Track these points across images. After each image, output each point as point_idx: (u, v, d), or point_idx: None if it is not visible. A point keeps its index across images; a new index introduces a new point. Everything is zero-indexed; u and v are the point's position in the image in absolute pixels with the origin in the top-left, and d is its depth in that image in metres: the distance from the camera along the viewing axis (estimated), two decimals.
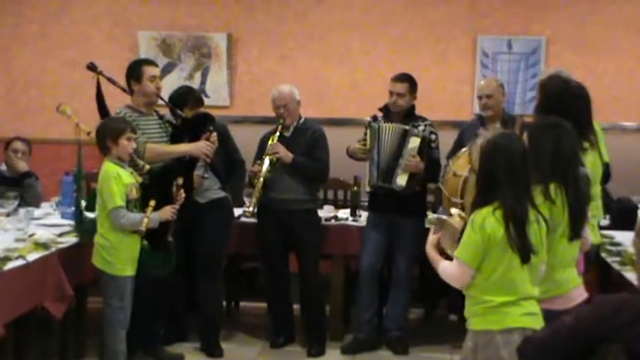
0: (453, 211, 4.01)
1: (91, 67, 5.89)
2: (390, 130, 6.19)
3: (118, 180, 5.14)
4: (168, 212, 5.32)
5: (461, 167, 5.37)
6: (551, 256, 3.80)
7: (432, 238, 3.94)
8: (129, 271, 5.24)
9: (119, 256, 5.21)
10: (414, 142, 6.11)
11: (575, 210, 3.91)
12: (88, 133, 5.67)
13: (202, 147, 5.81)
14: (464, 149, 5.57)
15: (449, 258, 3.82)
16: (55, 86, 8.36)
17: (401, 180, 6.13)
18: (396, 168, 6.13)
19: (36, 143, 7.02)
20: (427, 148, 6.16)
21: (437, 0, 8.17)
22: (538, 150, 3.88)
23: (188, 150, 5.82)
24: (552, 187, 3.84)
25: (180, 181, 5.50)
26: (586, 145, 4.59)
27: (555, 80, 4.90)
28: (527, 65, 8.04)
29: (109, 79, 5.86)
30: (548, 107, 4.58)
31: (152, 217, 5.21)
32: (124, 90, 5.88)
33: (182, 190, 5.46)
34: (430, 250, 3.91)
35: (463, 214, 3.91)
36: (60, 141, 8.06)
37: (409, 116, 6.30)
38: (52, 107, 6.86)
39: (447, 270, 3.78)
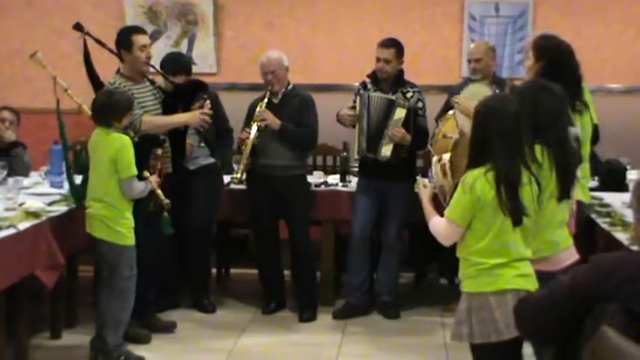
0: (445, 156, 4.04)
1: (78, 27, 5.83)
2: (377, 100, 6.19)
3: (131, 148, 5.14)
4: (154, 181, 5.33)
5: (450, 129, 5.39)
6: (539, 217, 3.81)
7: (427, 191, 3.97)
8: (133, 238, 5.24)
9: (128, 225, 5.20)
10: (399, 114, 6.11)
11: (562, 170, 3.91)
12: (66, 90, 5.62)
13: (198, 117, 5.81)
14: (452, 111, 5.57)
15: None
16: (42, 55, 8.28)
17: (386, 150, 6.15)
18: (381, 138, 6.14)
19: (23, 113, 6.99)
20: (413, 118, 6.15)
21: None
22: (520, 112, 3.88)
23: (185, 120, 5.83)
24: (537, 148, 3.84)
25: (159, 151, 5.48)
26: (579, 106, 4.60)
27: (554, 42, 4.88)
28: (514, 29, 8.03)
29: (97, 40, 5.82)
30: (551, 69, 4.58)
31: (146, 184, 5.25)
32: (111, 52, 5.83)
33: (160, 162, 5.46)
34: (426, 204, 3.93)
35: (447, 167, 3.94)
36: (47, 110, 7.92)
37: (398, 82, 6.30)
38: (38, 77, 6.83)
39: (437, 226, 3.82)
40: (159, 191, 5.31)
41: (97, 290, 5.46)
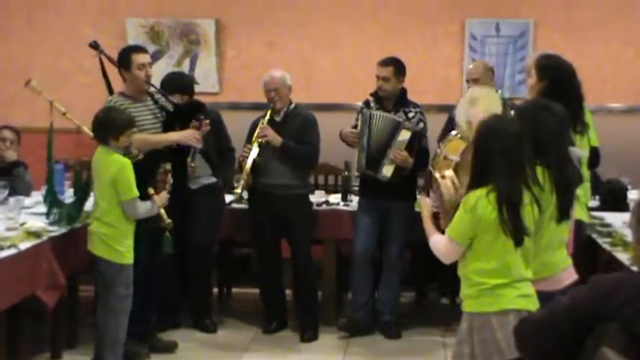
0: (447, 173, 4.03)
1: (94, 46, 5.90)
2: (381, 118, 6.20)
3: (131, 170, 5.14)
4: (164, 198, 5.34)
5: (452, 151, 5.37)
6: (539, 238, 3.81)
7: (428, 210, 3.97)
8: (132, 258, 5.24)
9: (128, 245, 5.20)
10: (404, 135, 6.13)
11: (562, 191, 3.90)
12: (64, 113, 5.65)
13: (189, 135, 5.84)
14: (454, 132, 5.57)
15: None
16: (43, 76, 8.29)
17: (387, 171, 6.16)
18: (383, 158, 6.16)
19: (25, 132, 7.01)
20: (417, 141, 6.16)
21: None
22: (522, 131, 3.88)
23: (176, 138, 5.85)
24: (539, 169, 3.84)
25: (168, 166, 5.49)
26: (581, 126, 4.60)
27: (557, 61, 4.89)
28: (515, 48, 8.05)
29: (111, 60, 5.90)
30: (556, 89, 4.59)
31: (152, 203, 5.27)
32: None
33: (170, 176, 5.46)
34: (427, 222, 3.93)
35: (456, 181, 3.94)
36: (48, 130, 8.01)
37: (401, 101, 6.31)
38: (40, 97, 6.83)
39: (438, 244, 3.82)
40: (162, 211, 5.31)
41: (96, 310, 5.45)
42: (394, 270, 6.35)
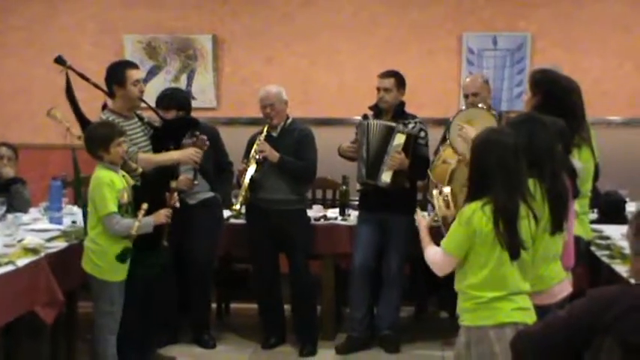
0: (445, 190, 4.05)
1: (59, 61, 5.80)
2: (377, 126, 6.22)
3: (110, 186, 5.10)
4: (162, 216, 5.29)
5: (451, 155, 5.42)
6: (533, 251, 3.80)
7: (425, 221, 3.97)
8: (119, 275, 5.22)
9: (110, 261, 5.18)
10: (399, 139, 6.13)
11: (555, 203, 3.90)
12: (79, 137, 5.64)
13: (191, 154, 5.83)
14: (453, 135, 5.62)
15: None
16: (43, 93, 8.33)
17: (386, 177, 6.16)
18: (381, 164, 6.16)
19: (24, 148, 7.01)
20: (413, 144, 6.17)
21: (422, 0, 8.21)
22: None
23: (177, 158, 5.82)
24: (530, 181, 3.84)
25: (174, 184, 5.47)
26: (578, 140, 4.59)
27: (551, 76, 4.90)
28: (512, 62, 8.07)
29: (80, 75, 5.76)
30: (548, 103, 4.59)
31: (146, 220, 5.18)
32: (96, 86, 5.79)
33: (176, 194, 5.44)
34: (423, 233, 3.94)
35: (450, 198, 3.95)
36: (47, 146, 8.06)
37: (399, 114, 6.32)
38: (39, 113, 6.85)
39: (433, 256, 3.83)
40: (136, 224, 5.15)
41: None
42: (394, 284, 6.34)
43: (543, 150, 3.91)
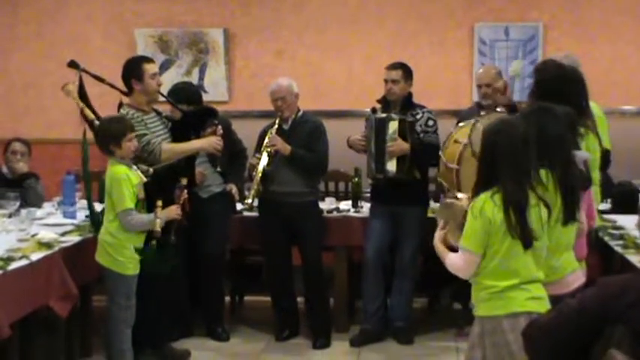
0: (461, 195, 4.02)
1: (73, 65, 5.85)
2: (375, 121, 6.22)
3: (127, 182, 5.13)
4: (173, 211, 5.30)
5: (462, 135, 5.42)
6: (546, 240, 3.79)
7: (438, 233, 3.91)
8: (135, 269, 5.24)
9: (127, 255, 5.19)
10: (392, 126, 6.13)
11: (567, 193, 3.89)
12: (92, 121, 5.65)
13: (213, 142, 5.84)
14: (471, 120, 5.60)
15: (454, 250, 3.80)
16: (53, 87, 8.33)
17: (390, 166, 6.16)
18: (384, 156, 6.15)
19: (37, 143, 7.03)
20: (409, 129, 6.14)
21: None
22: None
23: (199, 146, 5.84)
24: (542, 171, 3.83)
25: (184, 182, 5.48)
26: (581, 130, 4.56)
27: (549, 65, 4.89)
28: (525, 52, 8.05)
29: (95, 77, 5.83)
30: (541, 93, 4.58)
31: (161, 216, 5.22)
32: (112, 86, 5.84)
33: (185, 191, 5.45)
34: (438, 245, 3.88)
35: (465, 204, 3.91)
36: (61, 141, 8.08)
37: (407, 105, 6.31)
38: (51, 107, 6.87)
39: (455, 262, 3.75)
40: (158, 220, 5.21)
41: None
42: (407, 276, 6.34)
43: (554, 140, 3.89)
